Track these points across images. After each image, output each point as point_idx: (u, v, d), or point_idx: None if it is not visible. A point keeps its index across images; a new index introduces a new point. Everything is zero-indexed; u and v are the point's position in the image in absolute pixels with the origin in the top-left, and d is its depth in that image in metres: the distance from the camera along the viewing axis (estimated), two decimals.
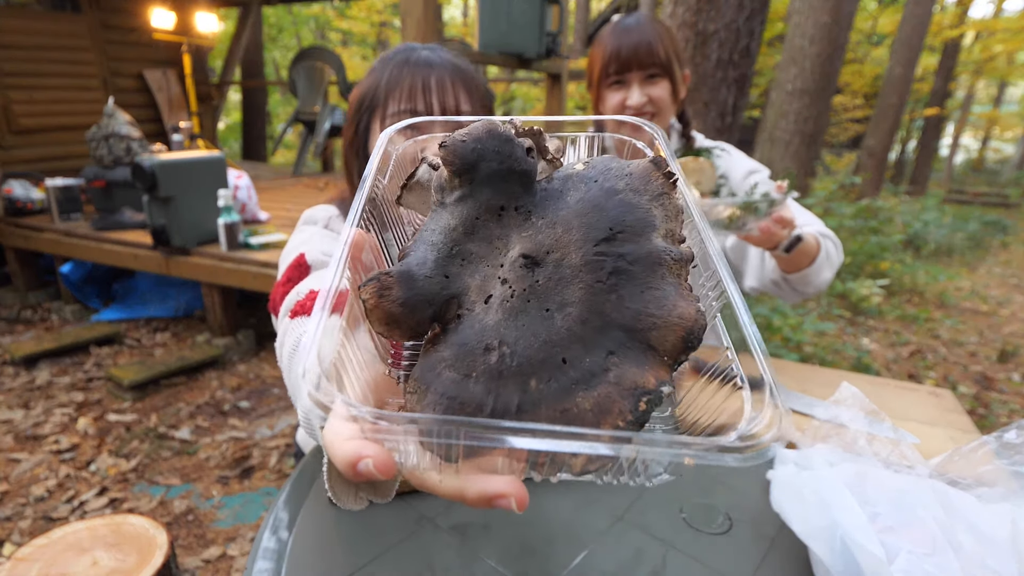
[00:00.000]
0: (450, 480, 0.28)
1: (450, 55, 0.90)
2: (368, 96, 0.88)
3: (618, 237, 0.30)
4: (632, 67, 1.16)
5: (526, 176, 0.33)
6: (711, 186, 1.06)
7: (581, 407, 0.27)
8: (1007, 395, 3.16)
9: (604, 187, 0.32)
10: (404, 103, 0.84)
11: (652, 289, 0.29)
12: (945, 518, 0.56)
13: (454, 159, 0.33)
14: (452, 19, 16.51)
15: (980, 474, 0.66)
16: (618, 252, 0.29)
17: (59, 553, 1.44)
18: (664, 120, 1.23)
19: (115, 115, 3.62)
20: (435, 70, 0.85)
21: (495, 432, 0.24)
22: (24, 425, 2.46)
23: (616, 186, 0.32)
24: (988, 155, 18.13)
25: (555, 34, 3.60)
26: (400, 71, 0.85)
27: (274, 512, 0.69)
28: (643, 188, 0.32)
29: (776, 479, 0.66)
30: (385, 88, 0.86)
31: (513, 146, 0.33)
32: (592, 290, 0.29)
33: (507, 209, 0.33)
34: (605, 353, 0.28)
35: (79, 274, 3.58)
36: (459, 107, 0.86)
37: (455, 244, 0.32)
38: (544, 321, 0.28)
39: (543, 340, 0.28)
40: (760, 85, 9.85)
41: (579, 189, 0.33)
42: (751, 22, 2.30)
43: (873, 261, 5.04)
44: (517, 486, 0.27)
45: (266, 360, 3.12)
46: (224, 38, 9.08)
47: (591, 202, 0.31)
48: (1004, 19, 11.40)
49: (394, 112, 0.85)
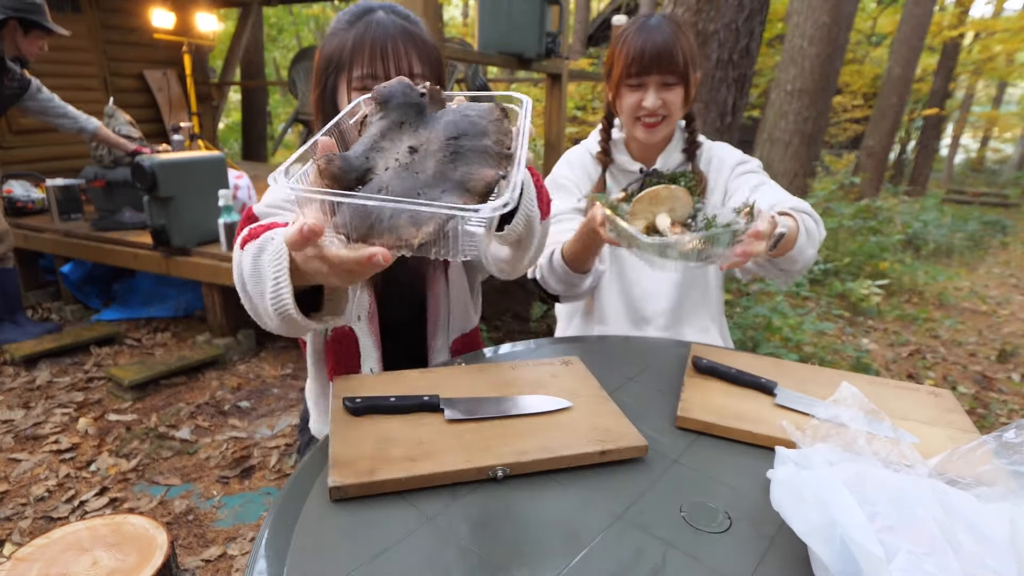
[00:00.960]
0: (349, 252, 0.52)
1: (403, 18, 0.99)
2: (335, 58, 0.99)
3: (461, 138, 0.52)
4: (652, 72, 1.21)
5: (419, 106, 0.56)
6: (686, 213, 1.01)
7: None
8: (1007, 395, 3.16)
9: (462, 113, 0.55)
10: (366, 68, 0.96)
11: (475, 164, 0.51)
12: (944, 517, 0.56)
13: (377, 95, 0.58)
14: (452, 19, 16.51)
15: (979, 473, 0.66)
16: (459, 144, 0.52)
17: (59, 553, 1.44)
18: (673, 121, 1.29)
19: (115, 115, 3.62)
20: (391, 37, 0.96)
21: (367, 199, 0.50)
22: (24, 425, 2.46)
23: (468, 113, 0.55)
24: (988, 155, 18.13)
25: (555, 34, 3.60)
26: (362, 37, 0.96)
27: (275, 511, 0.70)
28: (486, 115, 0.55)
29: (776, 478, 0.66)
30: (350, 53, 0.97)
31: (411, 89, 0.58)
32: (441, 163, 0.51)
33: (405, 124, 0.56)
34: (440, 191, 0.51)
35: (79, 274, 3.58)
36: (412, 70, 0.98)
37: (375, 142, 0.54)
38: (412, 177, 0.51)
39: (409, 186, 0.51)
40: (760, 85, 9.85)
41: (449, 115, 0.56)
42: (751, 22, 2.30)
43: (872, 261, 5.04)
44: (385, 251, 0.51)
45: (266, 360, 3.12)
46: (224, 38, 9.07)
47: (452, 120, 0.54)
48: (1004, 19, 11.41)
49: (358, 76, 0.97)
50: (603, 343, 1.22)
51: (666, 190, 0.98)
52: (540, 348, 1.18)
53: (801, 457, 0.67)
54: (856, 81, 10.99)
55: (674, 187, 0.99)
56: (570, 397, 0.89)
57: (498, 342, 1.31)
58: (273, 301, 0.72)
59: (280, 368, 3.03)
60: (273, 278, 0.71)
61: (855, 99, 11.51)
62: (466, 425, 0.82)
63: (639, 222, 1.00)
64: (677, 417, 0.87)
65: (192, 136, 4.59)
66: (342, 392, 0.88)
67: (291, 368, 3.02)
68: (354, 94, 0.97)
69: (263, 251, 0.75)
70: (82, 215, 3.59)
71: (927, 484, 0.60)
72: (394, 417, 0.83)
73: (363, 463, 0.72)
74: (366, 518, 0.67)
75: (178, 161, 2.87)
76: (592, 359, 1.06)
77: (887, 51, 9.86)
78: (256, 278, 0.76)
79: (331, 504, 0.69)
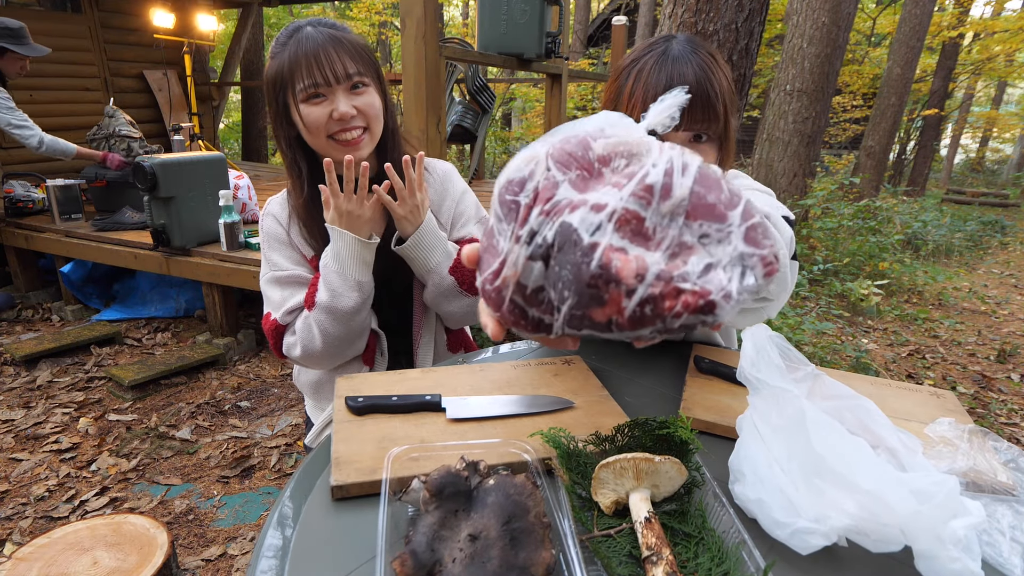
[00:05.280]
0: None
1: (329, 27, 1.07)
2: (278, 78, 1.06)
3: (512, 521, 0.59)
4: (680, 126, 0.89)
5: (467, 493, 0.62)
6: (671, 490, 0.67)
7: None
8: (1006, 395, 3.16)
9: (505, 494, 0.61)
10: (307, 79, 1.03)
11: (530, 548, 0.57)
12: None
13: (431, 487, 0.61)
14: (452, 19, 16.51)
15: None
16: (512, 528, 0.58)
17: (60, 553, 1.44)
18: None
19: (115, 115, 3.63)
20: (321, 45, 1.03)
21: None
22: (25, 425, 2.46)
23: (509, 492, 0.61)
24: (987, 155, 18.15)
25: (555, 34, 3.60)
26: (295, 53, 1.03)
27: (277, 510, 0.70)
28: (523, 492, 0.61)
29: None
30: (289, 70, 1.04)
31: (460, 479, 0.62)
32: (503, 551, 0.56)
33: (459, 511, 0.61)
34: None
35: (79, 274, 3.58)
36: (347, 70, 1.04)
37: (435, 532, 0.59)
38: (482, 568, 0.55)
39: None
40: (760, 85, 9.86)
41: (492, 495, 0.61)
42: (750, 22, 2.30)
43: (872, 261, 5.05)
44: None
45: (266, 360, 3.12)
46: (224, 38, 9.08)
47: (499, 503, 0.60)
48: (1003, 19, 11.42)
49: (302, 88, 1.04)
50: (605, 343, 1.22)
51: (646, 462, 0.65)
52: (542, 348, 1.18)
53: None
54: (856, 81, 11.00)
55: (659, 459, 0.65)
56: (572, 397, 0.89)
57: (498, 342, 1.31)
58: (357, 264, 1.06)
59: (280, 368, 3.03)
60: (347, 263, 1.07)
61: (855, 99, 11.52)
62: (468, 424, 0.82)
63: (605, 494, 0.67)
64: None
65: (192, 136, 4.59)
66: (344, 391, 0.88)
67: (290, 368, 3.02)
68: (303, 106, 1.05)
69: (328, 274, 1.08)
70: (82, 215, 3.59)
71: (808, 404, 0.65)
72: (396, 416, 0.83)
73: (365, 462, 0.72)
74: (368, 517, 0.67)
75: (178, 161, 2.87)
76: (593, 359, 1.06)
77: (887, 51, 9.87)
78: (337, 279, 1.07)
79: (333, 503, 0.69)
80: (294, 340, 1.12)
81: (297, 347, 1.11)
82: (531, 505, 0.61)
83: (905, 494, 0.55)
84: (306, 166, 1.14)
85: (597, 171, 0.46)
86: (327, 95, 1.05)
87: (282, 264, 1.16)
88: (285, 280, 1.15)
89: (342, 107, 1.05)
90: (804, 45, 5.31)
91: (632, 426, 0.73)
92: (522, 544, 0.58)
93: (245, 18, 6.45)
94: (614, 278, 0.41)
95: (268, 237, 1.18)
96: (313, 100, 1.05)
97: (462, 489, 0.62)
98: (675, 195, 0.42)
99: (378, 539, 0.59)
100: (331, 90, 1.05)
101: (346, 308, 1.08)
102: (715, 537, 0.63)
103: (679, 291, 0.41)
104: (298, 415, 2.61)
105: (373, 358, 1.23)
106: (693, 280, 0.41)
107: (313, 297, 1.09)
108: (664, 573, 0.56)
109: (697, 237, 0.42)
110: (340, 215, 1.05)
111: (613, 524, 0.66)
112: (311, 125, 1.06)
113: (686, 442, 0.69)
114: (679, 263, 0.42)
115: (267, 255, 1.18)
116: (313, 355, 1.12)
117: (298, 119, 1.07)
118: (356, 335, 1.14)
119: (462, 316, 1.22)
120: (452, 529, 0.60)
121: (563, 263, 0.43)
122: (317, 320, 1.09)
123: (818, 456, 0.60)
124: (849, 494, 0.58)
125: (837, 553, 0.62)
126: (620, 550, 0.62)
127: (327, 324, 1.09)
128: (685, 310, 0.41)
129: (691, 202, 0.43)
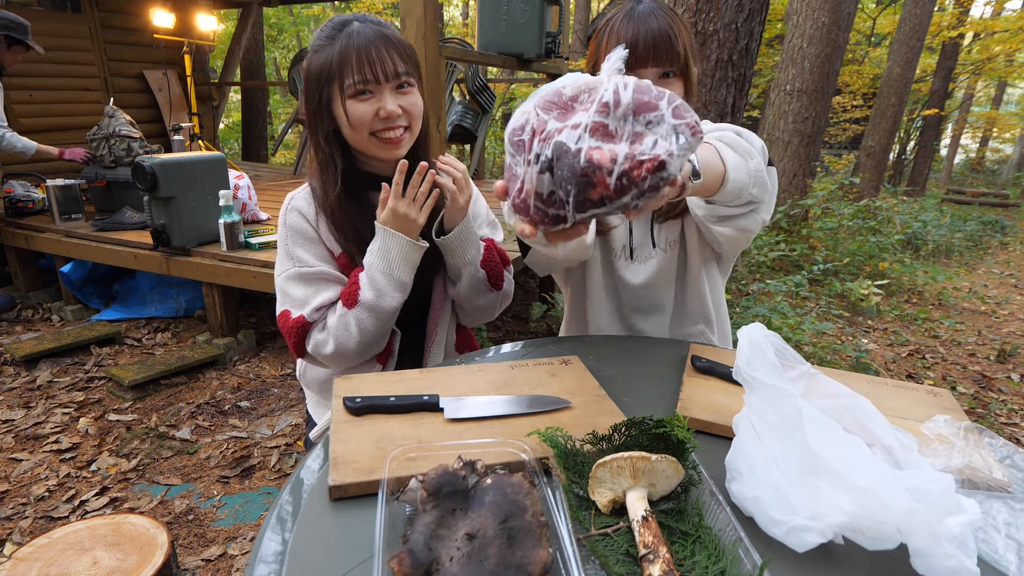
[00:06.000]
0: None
1: (376, 24, 1.08)
2: (324, 72, 1.06)
3: (509, 519, 0.59)
4: (648, 63, 1.06)
5: (464, 492, 0.62)
6: (667, 488, 0.68)
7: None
8: (1006, 395, 3.16)
9: (502, 492, 0.61)
10: (356, 75, 1.04)
11: (527, 546, 0.57)
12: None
13: (429, 486, 0.62)
14: (452, 19, 16.51)
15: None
16: (509, 527, 0.58)
17: (59, 553, 1.44)
18: None
19: (116, 115, 3.63)
20: (372, 43, 1.04)
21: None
22: (25, 425, 2.47)
23: (506, 491, 0.61)
24: (987, 155, 18.14)
25: (555, 35, 3.61)
26: (345, 48, 1.04)
27: (275, 510, 0.70)
28: (520, 491, 0.61)
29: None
30: (338, 64, 1.04)
31: (457, 478, 0.63)
32: (501, 549, 0.57)
33: (456, 510, 0.61)
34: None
35: (79, 274, 3.58)
36: (396, 69, 1.06)
37: (432, 531, 0.59)
38: (479, 566, 0.56)
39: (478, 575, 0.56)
40: (760, 85, 9.86)
41: (489, 494, 0.61)
42: (750, 22, 2.30)
43: (872, 261, 5.05)
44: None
45: (266, 360, 3.12)
46: (224, 38, 9.08)
47: (496, 501, 0.61)
48: (1003, 19, 11.41)
49: (350, 83, 1.04)
50: (602, 343, 1.22)
51: (643, 461, 0.65)
52: (540, 348, 1.19)
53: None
54: (856, 81, 11.00)
55: (656, 457, 0.65)
56: (569, 396, 0.89)
57: (498, 342, 1.32)
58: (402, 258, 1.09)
59: (280, 368, 3.03)
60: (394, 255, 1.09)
61: (855, 99, 11.51)
62: (465, 424, 0.82)
63: (603, 493, 0.68)
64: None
65: (192, 136, 4.60)
66: (342, 392, 0.89)
67: (291, 368, 3.02)
68: (349, 102, 1.06)
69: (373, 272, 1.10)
70: (82, 215, 3.59)
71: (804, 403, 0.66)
72: (394, 416, 0.83)
73: (363, 462, 0.73)
74: (366, 517, 0.67)
75: (178, 161, 2.87)
76: (591, 359, 1.06)
77: (887, 51, 9.87)
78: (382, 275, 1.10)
79: (331, 503, 0.69)
80: (325, 337, 1.11)
81: (329, 344, 1.11)
82: (528, 504, 0.61)
83: (901, 492, 0.55)
84: (342, 162, 1.14)
85: (570, 107, 0.66)
86: (375, 92, 1.06)
87: (308, 260, 1.14)
88: (311, 276, 1.13)
89: (389, 106, 1.06)
90: (804, 45, 5.32)
91: (629, 425, 0.73)
92: (519, 543, 0.58)
93: (245, 18, 6.46)
94: (597, 166, 0.61)
95: (293, 233, 1.15)
96: (360, 96, 1.06)
97: (459, 488, 0.63)
98: (623, 103, 0.63)
99: (376, 538, 0.59)
100: (379, 88, 1.06)
101: (389, 308, 1.11)
102: (712, 535, 0.63)
103: (640, 162, 0.61)
104: (298, 415, 2.61)
105: (387, 358, 1.23)
106: (648, 152, 0.61)
107: (354, 296, 1.10)
108: (661, 571, 0.56)
109: (644, 125, 0.63)
110: (396, 217, 1.07)
111: (610, 523, 0.66)
112: (356, 121, 1.07)
113: (683, 441, 0.69)
114: (637, 145, 0.62)
115: (291, 251, 1.15)
116: (346, 353, 1.12)
117: (342, 114, 1.07)
118: (386, 334, 1.17)
119: (486, 309, 1.28)
120: (449, 528, 0.60)
121: (562, 168, 0.63)
122: (358, 318, 1.09)
123: (814, 454, 0.60)
124: (845, 492, 0.58)
125: (833, 551, 0.62)
126: (617, 548, 0.63)
127: (368, 322, 1.10)
128: (648, 173, 0.61)
129: (634, 105, 0.63)
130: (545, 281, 3.98)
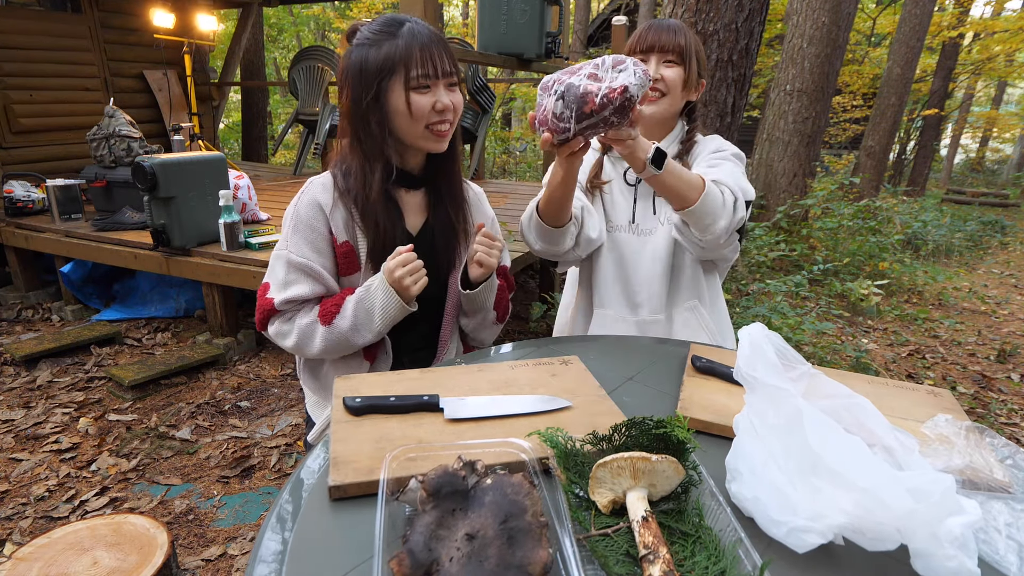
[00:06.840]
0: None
1: (428, 26, 1.14)
2: (387, 63, 1.10)
3: (509, 520, 0.59)
4: (654, 49, 1.30)
5: (463, 492, 0.63)
6: (667, 489, 0.68)
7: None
8: (1006, 395, 3.16)
9: (502, 493, 0.62)
10: (421, 68, 1.10)
11: (527, 547, 0.57)
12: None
13: (429, 486, 0.62)
14: (452, 19, 16.52)
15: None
16: (509, 527, 0.58)
17: (59, 553, 1.44)
18: (672, 102, 1.32)
19: (115, 115, 3.62)
20: (432, 41, 1.11)
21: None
22: (25, 425, 2.46)
23: (506, 491, 0.62)
24: (987, 155, 18.13)
25: (555, 35, 3.60)
26: (410, 43, 1.09)
27: (275, 510, 0.70)
28: (520, 491, 0.62)
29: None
30: (404, 56, 1.09)
31: (457, 478, 0.63)
32: (500, 550, 0.57)
33: (456, 510, 0.61)
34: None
35: (79, 274, 3.58)
36: (449, 67, 1.14)
37: (432, 532, 0.59)
38: (479, 567, 0.56)
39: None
40: (760, 85, 9.86)
41: (489, 494, 0.62)
42: (750, 22, 2.30)
43: (872, 261, 5.05)
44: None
45: (266, 360, 3.12)
46: (224, 38, 9.08)
47: (496, 502, 0.61)
48: (1003, 19, 11.41)
49: (415, 75, 1.10)
50: (602, 343, 1.22)
51: (643, 461, 0.65)
52: (540, 348, 1.19)
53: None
54: (856, 81, 10.99)
55: (656, 458, 0.65)
56: (569, 397, 0.89)
57: (498, 342, 1.32)
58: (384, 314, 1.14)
59: (280, 368, 3.03)
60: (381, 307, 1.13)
61: (855, 99, 11.50)
62: (465, 424, 0.82)
63: (603, 493, 0.68)
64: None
65: (192, 136, 4.59)
66: (342, 392, 0.89)
67: (291, 368, 3.02)
68: (412, 94, 1.10)
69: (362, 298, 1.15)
70: (82, 215, 3.59)
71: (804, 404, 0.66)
72: (394, 417, 0.83)
73: (363, 462, 0.72)
74: (365, 517, 0.67)
75: (178, 161, 2.87)
76: (591, 359, 1.06)
77: (887, 51, 9.86)
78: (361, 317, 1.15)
79: (331, 503, 0.69)
80: (289, 330, 1.17)
81: (290, 340, 1.17)
82: (528, 504, 0.61)
83: (901, 492, 0.55)
84: (395, 155, 1.17)
85: (576, 70, 1.03)
86: (432, 87, 1.11)
87: (301, 249, 1.17)
88: (297, 266, 1.17)
89: (445, 99, 1.13)
90: (804, 45, 5.32)
91: (629, 425, 0.73)
92: (519, 543, 0.57)
93: (245, 18, 6.45)
94: (589, 92, 0.97)
95: (298, 219, 1.18)
96: (421, 90, 1.11)
97: (459, 489, 0.63)
98: (607, 62, 1.00)
99: (376, 539, 0.59)
100: (436, 83, 1.12)
101: (358, 343, 1.17)
102: (712, 535, 0.63)
103: (613, 88, 0.96)
104: (298, 415, 2.61)
105: (376, 355, 1.25)
106: (619, 84, 0.96)
107: (332, 316, 1.15)
108: (661, 572, 0.56)
109: (618, 72, 0.98)
110: (398, 279, 1.12)
111: (610, 523, 0.66)
112: (417, 112, 1.11)
113: (683, 441, 0.69)
114: (612, 83, 0.97)
115: (290, 234, 1.19)
116: (303, 354, 1.20)
117: (400, 104, 1.11)
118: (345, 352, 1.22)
119: (486, 339, 1.38)
120: (449, 528, 0.60)
121: (569, 96, 0.98)
122: (325, 337, 1.15)
123: (814, 454, 0.60)
124: (845, 492, 0.58)
125: (833, 551, 0.62)
126: (617, 549, 0.62)
127: (331, 344, 1.16)
128: (618, 95, 0.95)
129: (613, 62, 1.00)
130: (545, 281, 3.98)
